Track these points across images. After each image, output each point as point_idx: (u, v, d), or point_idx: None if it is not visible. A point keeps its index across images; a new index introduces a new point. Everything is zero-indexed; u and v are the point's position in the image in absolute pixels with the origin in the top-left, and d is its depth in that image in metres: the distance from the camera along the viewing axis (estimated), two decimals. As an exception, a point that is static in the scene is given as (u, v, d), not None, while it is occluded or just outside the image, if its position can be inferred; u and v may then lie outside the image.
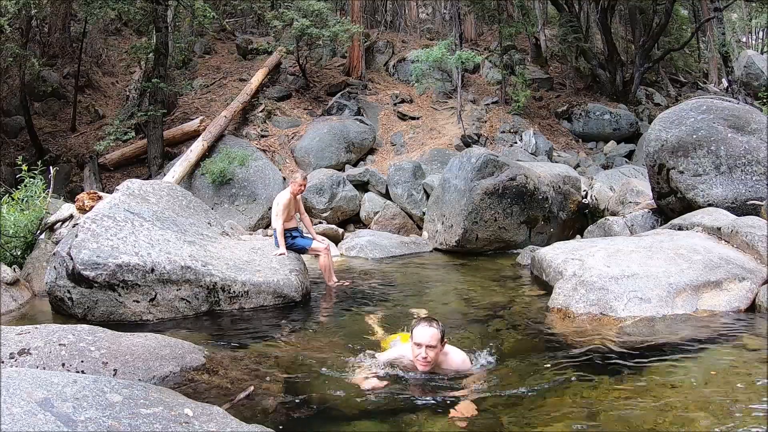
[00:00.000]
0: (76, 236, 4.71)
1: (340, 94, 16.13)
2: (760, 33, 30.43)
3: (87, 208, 6.31)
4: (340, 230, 10.33)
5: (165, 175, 11.52)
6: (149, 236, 4.95)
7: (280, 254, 5.81)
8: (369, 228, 11.04)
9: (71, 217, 6.77)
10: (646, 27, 17.81)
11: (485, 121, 15.46)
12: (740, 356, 3.41)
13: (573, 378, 3.22)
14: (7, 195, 7.30)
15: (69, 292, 4.55)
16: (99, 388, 2.22)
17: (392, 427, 2.74)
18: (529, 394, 3.02)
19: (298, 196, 6.29)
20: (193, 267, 4.80)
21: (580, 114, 16.10)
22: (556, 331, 4.12)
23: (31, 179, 7.04)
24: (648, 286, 4.31)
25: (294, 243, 6.11)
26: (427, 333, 3.09)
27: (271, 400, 2.94)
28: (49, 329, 3.18)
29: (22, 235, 6.27)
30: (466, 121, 14.89)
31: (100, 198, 6.73)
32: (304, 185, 6.22)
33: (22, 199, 6.88)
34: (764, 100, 13.66)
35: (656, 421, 2.64)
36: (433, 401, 2.96)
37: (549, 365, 3.47)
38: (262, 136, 14.17)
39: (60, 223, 6.82)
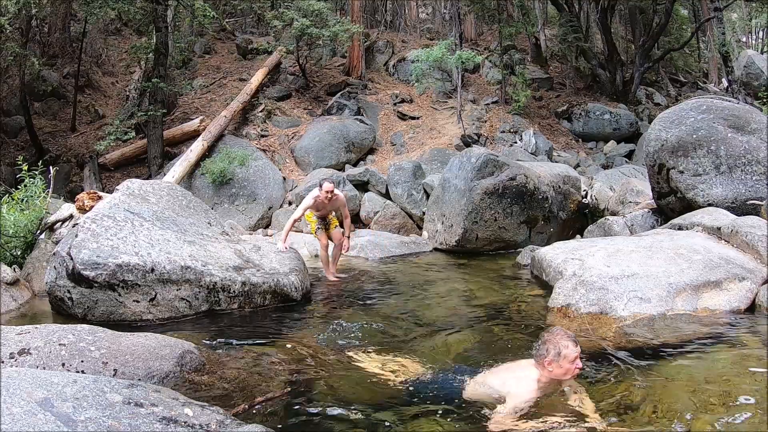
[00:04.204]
0: (76, 236, 4.71)
1: (340, 94, 16.13)
2: (760, 33, 30.43)
3: (87, 208, 6.30)
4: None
5: (165, 175, 11.52)
6: (149, 236, 4.95)
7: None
8: (369, 228, 11.04)
9: (71, 217, 6.77)
10: (646, 27, 17.81)
11: (485, 121, 15.46)
12: (740, 356, 3.40)
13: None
14: (7, 195, 7.30)
15: (69, 292, 4.55)
16: (99, 388, 2.22)
17: (392, 426, 2.73)
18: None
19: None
20: (193, 267, 4.80)
21: (580, 114, 16.10)
22: (556, 331, 4.11)
23: (31, 179, 7.04)
24: (648, 285, 4.31)
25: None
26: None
27: (271, 400, 2.95)
28: (49, 329, 3.18)
29: (22, 235, 6.27)
30: (466, 121, 14.89)
31: (100, 198, 6.73)
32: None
33: (22, 199, 6.88)
34: (764, 100, 13.66)
35: (655, 420, 2.64)
36: (436, 402, 2.97)
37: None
38: (262, 136, 14.17)
39: (60, 223, 6.81)
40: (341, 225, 7.00)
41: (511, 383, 2.88)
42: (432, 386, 3.16)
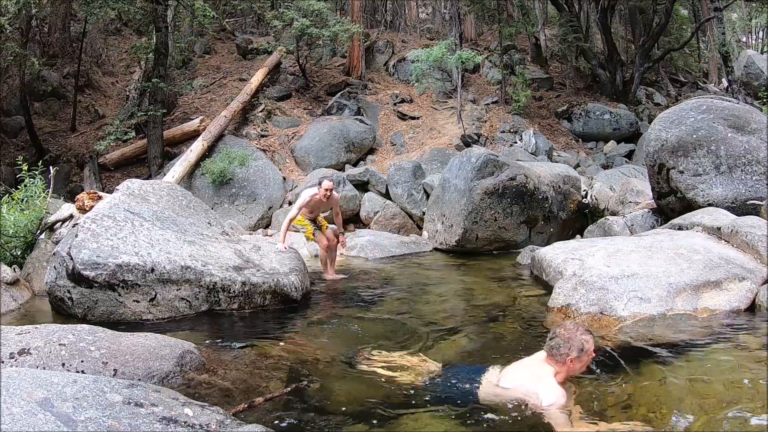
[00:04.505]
0: (76, 236, 4.71)
1: (340, 93, 16.13)
2: (760, 33, 30.44)
3: (87, 208, 6.30)
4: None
5: (165, 175, 11.52)
6: (149, 236, 4.95)
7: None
8: (369, 228, 11.04)
9: (71, 217, 6.77)
10: (646, 27, 17.82)
11: (485, 121, 15.47)
12: (740, 356, 3.41)
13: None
14: (7, 195, 7.30)
15: (69, 292, 4.55)
16: (99, 388, 2.22)
17: (393, 427, 2.74)
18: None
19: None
20: (193, 267, 4.80)
21: (580, 114, 16.10)
22: (556, 331, 4.11)
23: (31, 179, 7.05)
24: (648, 285, 4.31)
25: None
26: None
27: (271, 400, 2.95)
28: (49, 329, 3.18)
29: (22, 235, 6.27)
30: (466, 121, 14.89)
31: (100, 198, 6.73)
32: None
33: (22, 199, 6.89)
34: (764, 100, 13.66)
35: (655, 420, 2.64)
36: (437, 402, 2.97)
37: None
38: (262, 136, 14.17)
39: (60, 223, 6.81)
40: (329, 223, 7.01)
41: (539, 389, 2.80)
42: (433, 386, 3.16)
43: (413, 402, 2.98)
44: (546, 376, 2.86)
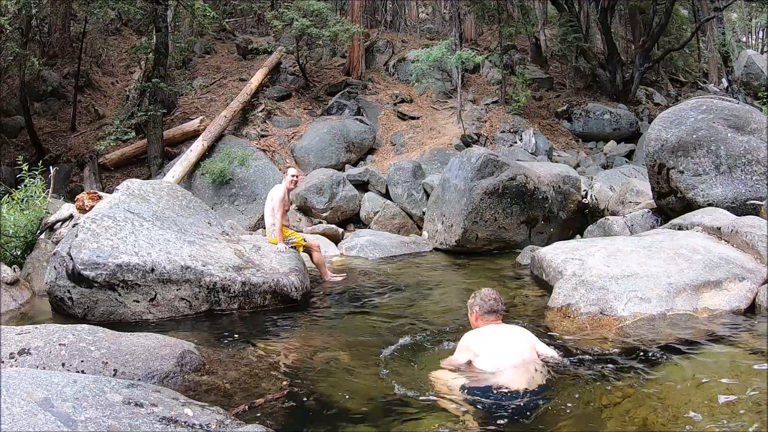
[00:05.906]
0: (76, 236, 4.71)
1: (340, 93, 16.13)
2: (760, 33, 30.45)
3: (87, 208, 6.31)
4: (340, 230, 10.33)
5: (165, 175, 11.52)
6: (149, 236, 4.95)
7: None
8: (369, 228, 11.04)
9: (71, 217, 6.78)
10: (646, 27, 17.82)
11: (485, 121, 15.47)
12: (740, 356, 3.40)
13: (572, 378, 3.22)
14: (7, 195, 7.30)
15: (69, 291, 4.55)
16: (99, 388, 2.22)
17: (392, 427, 2.74)
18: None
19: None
20: (193, 267, 4.80)
21: (580, 114, 16.11)
22: (556, 331, 4.12)
23: (31, 179, 7.05)
24: (648, 285, 4.31)
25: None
26: None
27: (271, 401, 2.94)
28: (49, 329, 3.18)
29: (22, 235, 6.28)
30: (466, 121, 14.89)
31: (100, 198, 6.73)
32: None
33: (22, 199, 6.89)
34: (764, 100, 13.65)
35: (655, 420, 2.64)
36: (434, 401, 2.97)
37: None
38: (262, 136, 14.17)
39: (60, 223, 6.82)
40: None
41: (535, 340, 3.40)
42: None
43: (413, 401, 2.98)
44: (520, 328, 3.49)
